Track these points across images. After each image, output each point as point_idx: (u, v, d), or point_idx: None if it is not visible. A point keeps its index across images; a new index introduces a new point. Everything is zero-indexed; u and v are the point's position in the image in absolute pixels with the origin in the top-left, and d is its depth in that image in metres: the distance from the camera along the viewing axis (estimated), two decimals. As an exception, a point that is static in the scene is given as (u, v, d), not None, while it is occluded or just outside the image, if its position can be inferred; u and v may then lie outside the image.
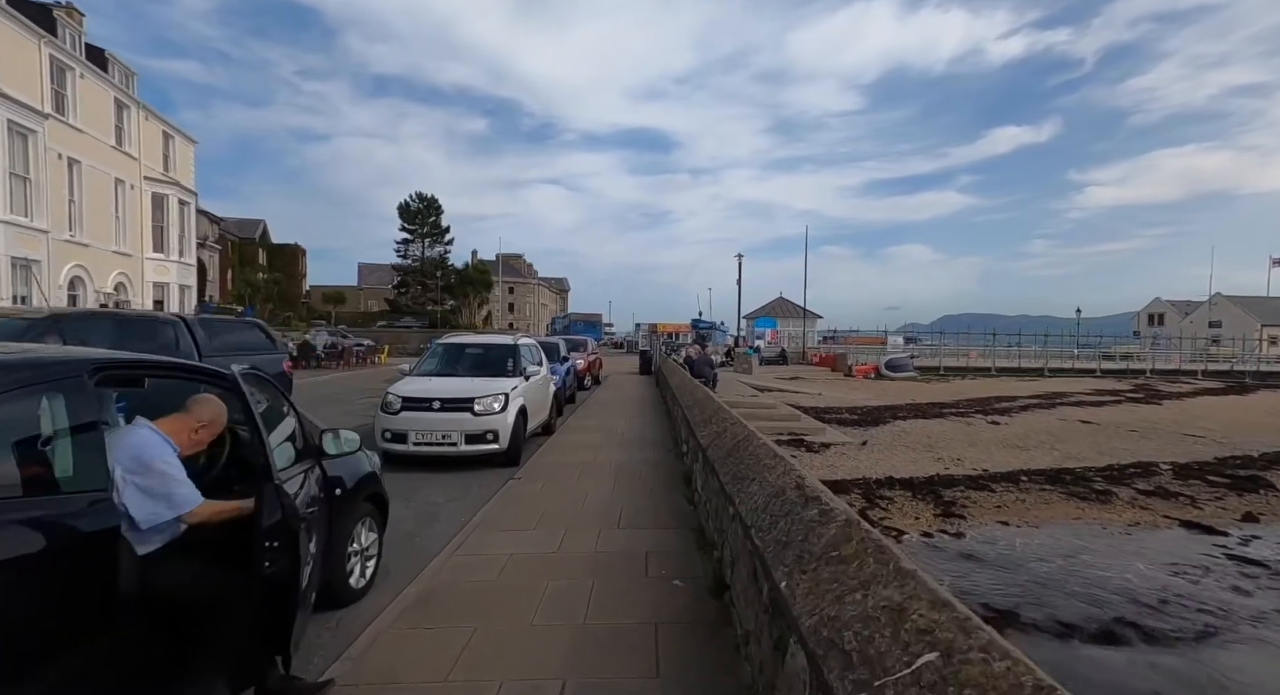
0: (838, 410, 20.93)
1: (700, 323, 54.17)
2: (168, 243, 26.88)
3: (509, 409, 7.86)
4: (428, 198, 49.86)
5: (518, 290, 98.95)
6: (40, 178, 18.44)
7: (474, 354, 9.21)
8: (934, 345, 46.30)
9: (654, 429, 11.10)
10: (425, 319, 47.02)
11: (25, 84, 18.63)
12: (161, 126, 27.71)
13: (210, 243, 58.01)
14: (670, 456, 8.34)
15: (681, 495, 6.08)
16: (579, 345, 20.94)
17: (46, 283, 19.05)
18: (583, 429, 10.97)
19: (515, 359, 8.92)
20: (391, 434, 7.55)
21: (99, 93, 22.83)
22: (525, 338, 10.10)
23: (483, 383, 8.16)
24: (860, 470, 12.65)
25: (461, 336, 9.68)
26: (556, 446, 9.17)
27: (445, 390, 7.84)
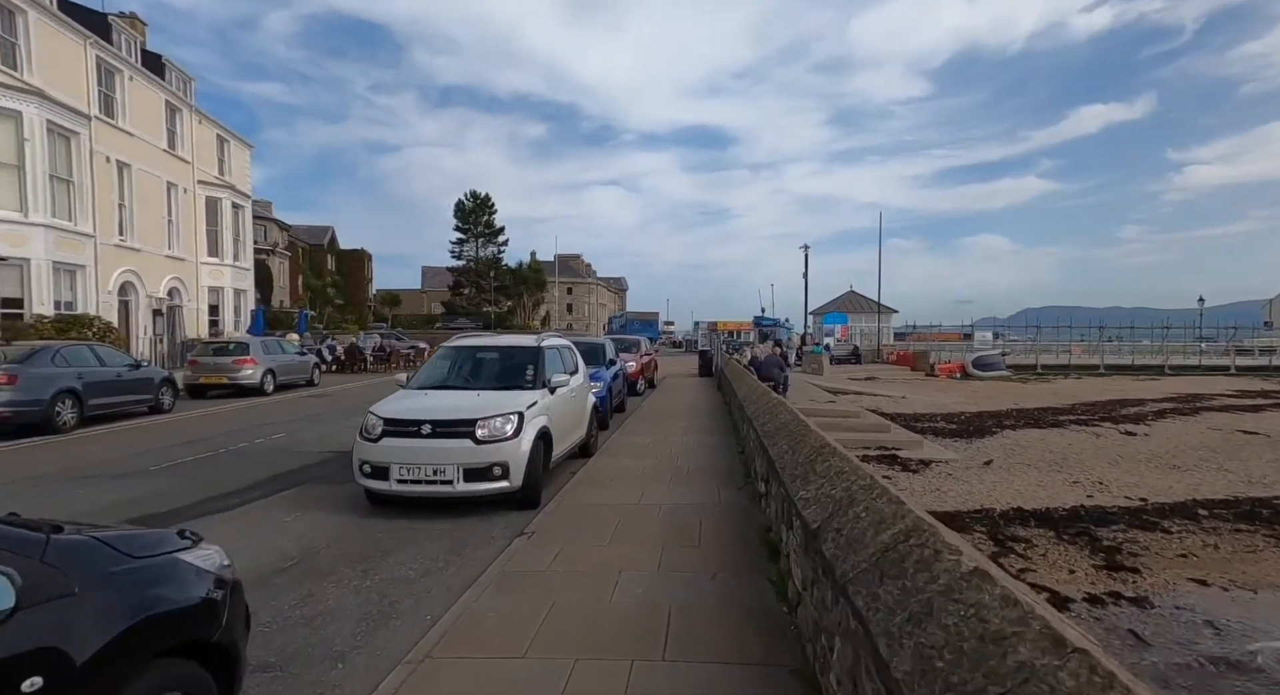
0: (930, 417, 18.15)
1: (763, 320, 51.27)
2: (222, 247, 26.79)
3: (524, 433, 5.94)
4: (481, 196, 49.26)
5: (576, 290, 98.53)
6: (84, 181, 18.16)
7: (487, 360, 7.36)
8: (1028, 341, 41.71)
9: (717, 450, 8.96)
10: (480, 320, 46.40)
11: (70, 86, 18.40)
12: (216, 130, 27.70)
13: (280, 249, 59.91)
14: (742, 498, 6.20)
15: (767, 581, 3.94)
16: (631, 346, 18.96)
17: (94, 288, 18.82)
18: (629, 450, 8.97)
19: (537, 366, 7.00)
20: (371, 468, 5.77)
21: (150, 96, 22.72)
22: (554, 338, 8.18)
23: (492, 398, 6.28)
24: (976, 497, 10.08)
25: (474, 338, 7.91)
26: (593, 476, 7.20)
27: (439, 409, 6.00)
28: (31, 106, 16.23)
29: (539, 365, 7.00)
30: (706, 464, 7.91)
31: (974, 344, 39.89)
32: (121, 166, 21.04)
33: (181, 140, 24.85)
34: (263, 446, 9.53)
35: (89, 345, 11.90)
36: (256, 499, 6.46)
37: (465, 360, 7.40)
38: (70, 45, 18.75)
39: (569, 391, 7.57)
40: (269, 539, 5.14)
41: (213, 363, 16.14)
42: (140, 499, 6.48)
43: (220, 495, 6.64)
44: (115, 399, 11.61)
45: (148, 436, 10.42)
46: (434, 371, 7.19)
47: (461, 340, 7.84)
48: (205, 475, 7.58)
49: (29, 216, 16.30)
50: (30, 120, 16.18)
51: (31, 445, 9.52)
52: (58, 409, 10.18)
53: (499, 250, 51.02)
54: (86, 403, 10.81)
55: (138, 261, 21.81)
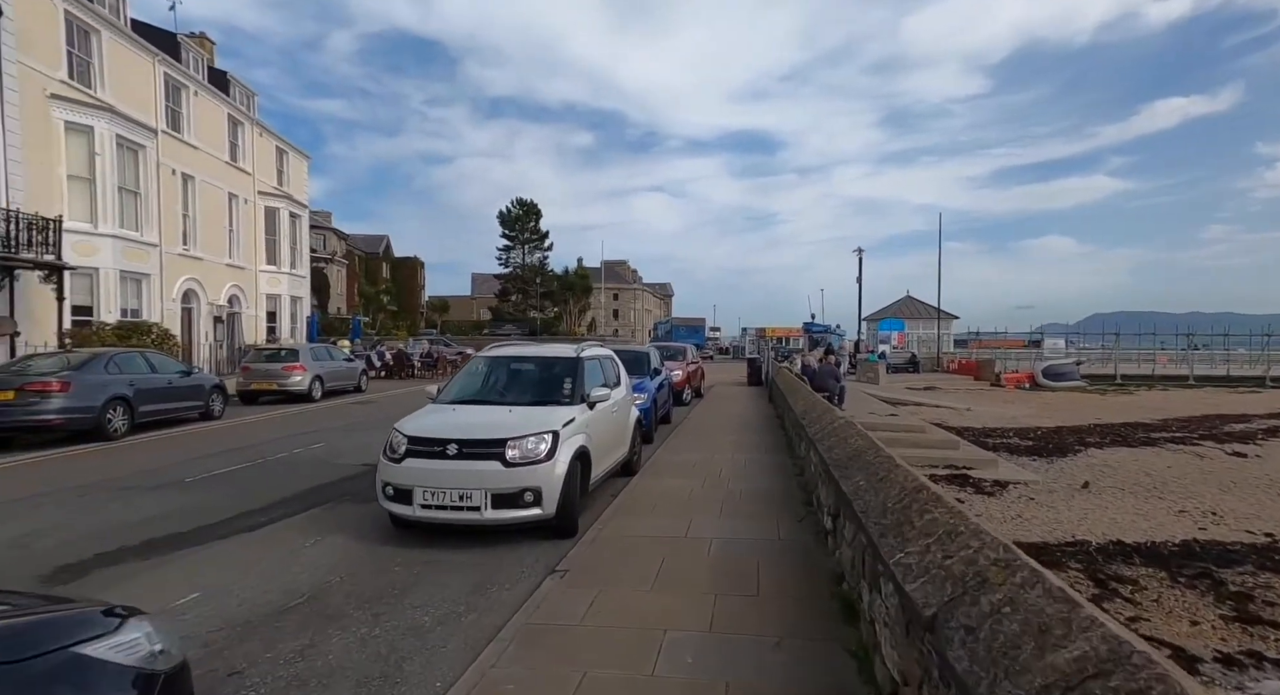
0: (1001, 432, 16.78)
1: (813, 326, 49.63)
2: (279, 255, 27.59)
3: (559, 454, 5.38)
4: (527, 203, 49.64)
5: (622, 296, 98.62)
6: (150, 192, 18.86)
7: (522, 372, 6.85)
8: (1105, 348, 38.78)
9: (771, 471, 8.20)
10: (526, 326, 46.61)
11: (139, 101, 19.19)
12: (275, 142, 28.62)
13: (338, 258, 62.08)
14: (804, 533, 5.46)
15: (845, 652, 3.21)
16: (677, 353, 18.29)
17: (158, 296, 19.50)
18: (674, 469, 8.31)
19: (575, 379, 6.43)
20: (394, 490, 5.31)
21: (213, 110, 23.59)
22: (594, 347, 7.60)
23: (525, 415, 5.74)
24: (1065, 526, 8.98)
25: (510, 347, 7.43)
26: (635, 500, 6.58)
27: (467, 427, 5.50)
28: (102, 122, 16.91)
29: (577, 378, 6.43)
30: (760, 488, 7.17)
31: (1043, 352, 37.36)
32: (186, 178, 21.83)
33: (243, 152, 25.72)
34: (301, 457, 9.32)
35: (141, 352, 12.10)
36: (281, 518, 6.12)
37: (499, 372, 6.90)
38: (140, 63, 19.56)
39: (610, 406, 6.98)
40: (282, 569, 4.74)
41: (264, 369, 16.36)
42: (169, 514, 6.24)
43: (246, 512, 6.34)
44: (166, 405, 11.73)
45: (193, 444, 10.41)
46: (466, 384, 6.72)
47: (496, 350, 7.36)
48: (238, 489, 7.35)
49: (98, 227, 16.96)
50: (101, 135, 16.86)
51: (82, 452, 9.60)
52: (109, 416, 10.28)
53: (544, 256, 51.26)
54: (138, 409, 10.91)
55: (200, 270, 22.57)
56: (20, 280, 14.82)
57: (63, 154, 16.27)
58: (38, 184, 15.60)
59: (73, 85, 16.83)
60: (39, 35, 15.81)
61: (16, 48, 15.08)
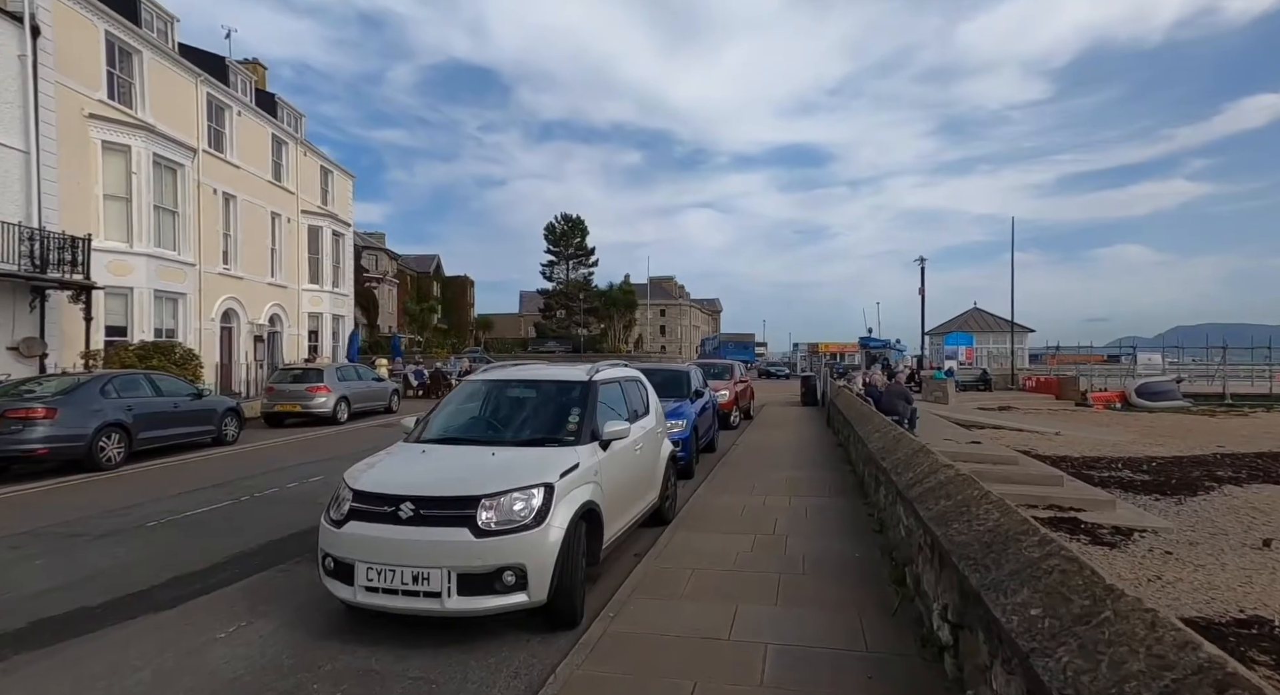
0: (1106, 463, 14.41)
1: (870, 341, 46.84)
2: (322, 273, 27.51)
3: (553, 516, 3.95)
4: (572, 218, 49.07)
5: (669, 312, 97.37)
6: (188, 211, 18.75)
7: (519, 400, 5.45)
8: (1195, 362, 34.64)
9: (841, 524, 6.49)
10: (570, 343, 45.70)
11: (180, 121, 19.21)
12: (320, 162, 28.76)
13: (390, 277, 63.33)
14: (902, 636, 3.80)
15: None
16: (723, 372, 16.64)
17: (194, 315, 19.31)
18: (716, 517, 6.73)
19: (584, 411, 4.99)
20: (335, 563, 3.98)
21: (257, 130, 23.70)
22: (614, 368, 6.12)
23: (512, 459, 4.34)
24: (1225, 595, 6.90)
25: (509, 368, 6.05)
26: (662, 570, 5.05)
27: (431, 478, 4.14)
28: (139, 140, 16.82)
29: (586, 409, 4.99)
30: (829, 553, 5.52)
31: (1136, 367, 33.66)
32: (228, 198, 21.82)
33: (286, 172, 25.80)
34: (290, 494, 8.21)
35: (145, 374, 11.40)
36: (217, 587, 4.89)
37: (492, 400, 5.52)
38: (182, 83, 19.62)
39: (632, 444, 5.51)
40: (164, 682, 3.44)
41: (288, 390, 15.67)
42: (94, 577, 5.12)
43: (184, 575, 5.15)
44: (170, 431, 10.95)
45: (187, 476, 9.50)
46: (450, 415, 5.36)
47: (492, 371, 5.98)
48: (196, 538, 6.23)
49: (133, 246, 16.79)
50: (138, 154, 16.75)
51: (66, 485, 8.78)
52: (101, 444, 9.49)
53: (589, 272, 50.43)
54: (136, 436, 10.13)
55: (240, 289, 22.47)
56: (50, 300, 14.61)
57: (99, 173, 16.18)
58: (73, 203, 15.49)
59: (112, 105, 16.82)
60: (79, 55, 15.84)
61: (55, 67, 15.07)
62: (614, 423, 4.96)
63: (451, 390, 17.71)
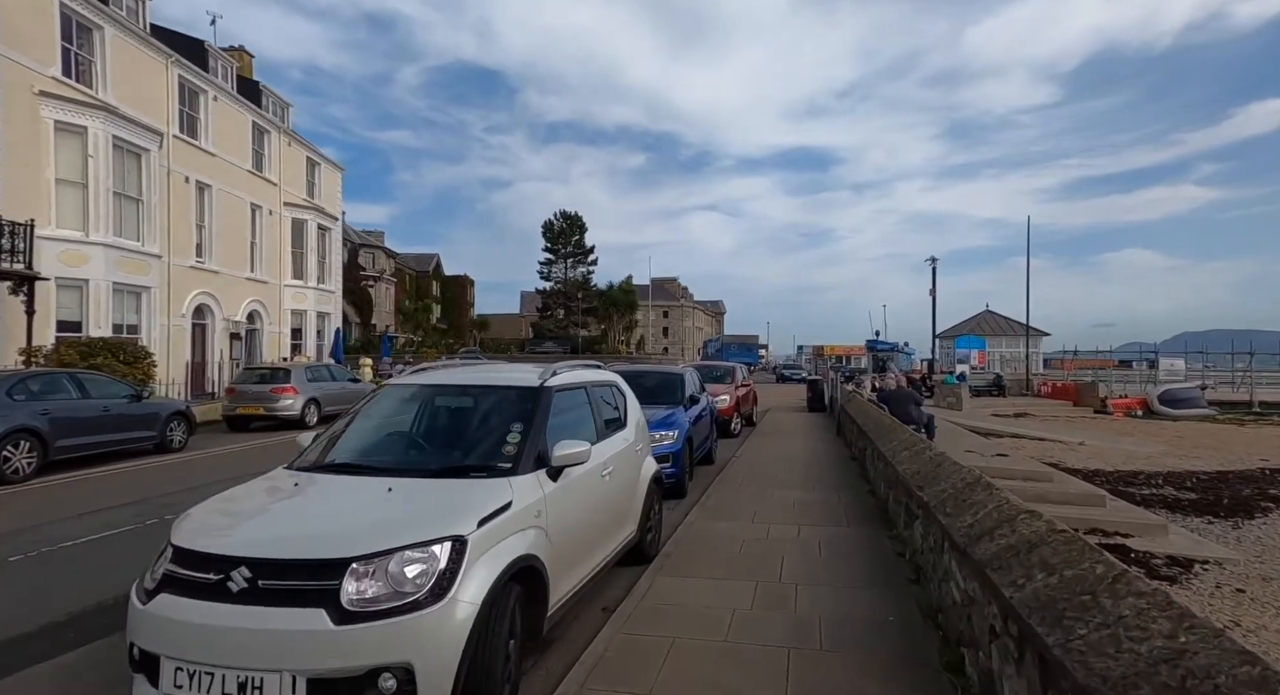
0: (1146, 478, 13.11)
1: (878, 344, 45.42)
2: (306, 269, 26.32)
3: (461, 586, 2.69)
4: (571, 215, 47.83)
5: (672, 314, 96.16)
6: (153, 199, 17.57)
7: (447, 411, 4.17)
8: (1238, 370, 33.08)
9: (864, 571, 5.18)
10: (568, 344, 44.42)
11: (148, 104, 18.05)
12: (306, 153, 27.59)
13: (387, 275, 62.21)
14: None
15: None
16: (724, 375, 15.34)
17: (161, 311, 18.13)
18: (709, 555, 5.44)
19: (530, 427, 3.71)
20: (140, 652, 2.71)
21: (236, 117, 22.53)
22: (578, 370, 4.80)
23: (412, 497, 3.09)
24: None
25: (444, 372, 4.79)
26: (631, 641, 3.77)
27: (283, 528, 2.89)
28: (97, 122, 15.64)
29: (533, 425, 3.70)
30: (854, 613, 4.22)
31: (1159, 373, 32.20)
32: (202, 187, 20.65)
33: (269, 162, 24.63)
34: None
35: (70, 374, 10.16)
36: (26, 665, 3.62)
37: (412, 411, 4.24)
38: (150, 64, 18.46)
39: (598, 468, 4.24)
40: None
41: (251, 391, 14.45)
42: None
43: (3, 643, 3.90)
44: (98, 438, 9.71)
45: (104, 490, 8.26)
46: (355, 431, 4.07)
47: (420, 374, 4.68)
48: (59, 580, 4.99)
49: (89, 235, 15.60)
50: (95, 136, 15.57)
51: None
52: (6, 453, 8.26)
53: (588, 271, 49.10)
54: (53, 444, 8.90)
55: (215, 284, 21.28)
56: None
57: (51, 156, 15.00)
58: (20, 187, 14.31)
59: (67, 83, 15.65)
60: (29, 29, 14.67)
61: (0, 40, 13.91)
62: (568, 444, 3.67)
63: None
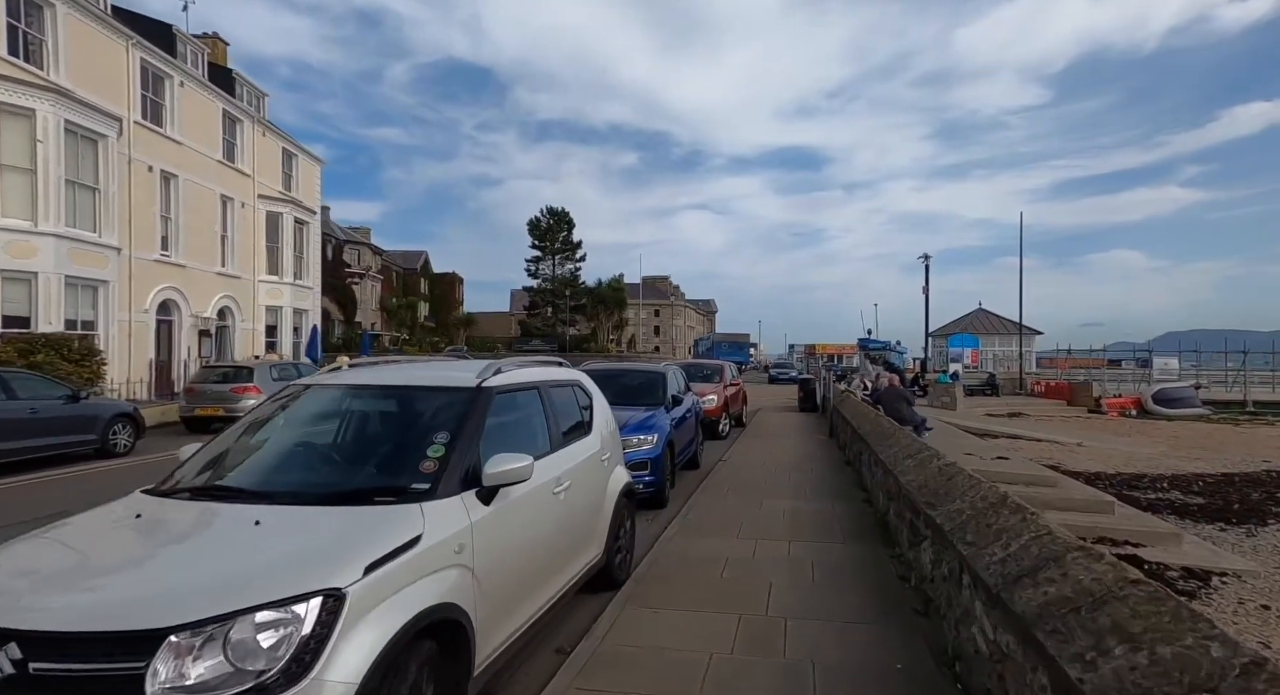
0: (1151, 482, 12.56)
1: (869, 342, 44.99)
2: (282, 264, 25.37)
3: (330, 660, 1.97)
4: (559, 211, 46.92)
5: (662, 313, 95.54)
6: (112, 189, 16.64)
7: (363, 416, 3.42)
8: (1231, 370, 32.82)
9: (863, 599, 4.47)
10: (555, 342, 43.57)
11: (106, 88, 17.12)
12: (282, 144, 26.64)
13: (373, 273, 61.03)
14: None
15: None
16: (712, 374, 14.64)
17: (120, 306, 17.20)
18: (686, 580, 4.73)
19: (457, 438, 2.95)
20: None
21: (205, 105, 21.57)
22: (534, 367, 4.04)
23: (282, 535, 2.34)
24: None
25: (369, 369, 4.04)
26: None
27: (90, 582, 2.13)
28: (46, 104, 14.71)
29: (461, 434, 2.96)
30: (855, 658, 3.52)
31: (1153, 372, 31.87)
32: (167, 176, 19.70)
33: (241, 152, 23.67)
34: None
35: (-7, 372, 9.31)
36: None
37: (321, 415, 3.48)
38: (108, 45, 17.51)
39: (549, 485, 3.52)
40: None
41: (211, 391, 13.60)
42: None
43: None
44: (22, 443, 8.87)
45: (7, 503, 7.45)
46: (243, 442, 3.31)
47: (339, 373, 3.92)
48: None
49: (38, 225, 14.67)
50: (44, 119, 14.64)
51: None
52: (-93, 459, 7.43)
53: (576, 268, 48.20)
54: (-33, 449, 8.06)
55: (182, 278, 20.34)
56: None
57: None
58: (-39, 173, 13.40)
59: (14, 62, 14.71)
60: (-30, 4, 13.76)
61: (-63, 15, 13.00)
62: (505, 458, 2.94)
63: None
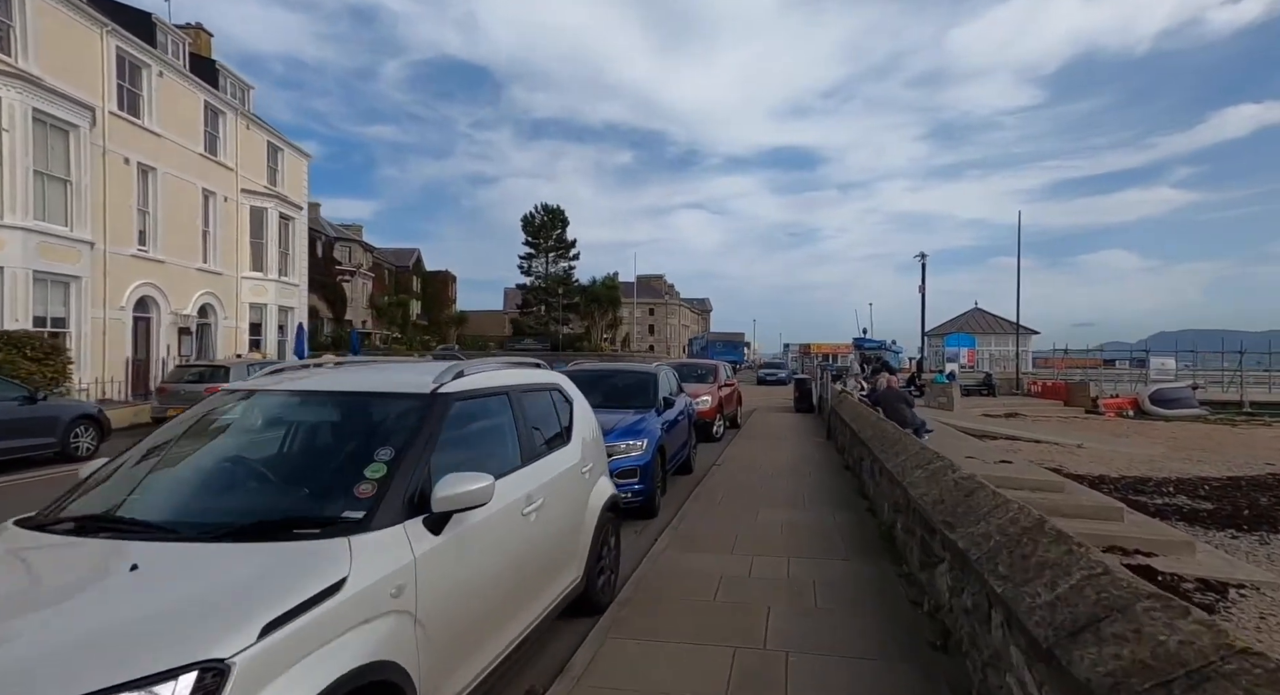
0: (1157, 486, 12.20)
1: (865, 341, 44.68)
2: (267, 261, 24.76)
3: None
4: (552, 208, 46.32)
5: (658, 312, 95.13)
6: (85, 181, 16.05)
7: (300, 428, 2.96)
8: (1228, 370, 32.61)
9: (882, 643, 4.03)
10: (548, 341, 42.98)
11: (80, 77, 16.51)
12: (268, 137, 26.00)
13: (364, 270, 60.33)
14: None
15: None
16: (705, 374, 14.18)
17: (94, 303, 16.61)
18: (676, 603, 4.27)
19: (402, 455, 2.49)
20: None
21: (185, 96, 20.94)
22: (505, 369, 3.56)
23: (159, 585, 1.88)
24: None
25: (311, 374, 3.58)
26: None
27: None
28: (13, 92, 14.11)
29: (409, 451, 2.50)
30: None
31: (1150, 372, 31.66)
32: (145, 169, 19.09)
33: (224, 145, 23.05)
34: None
35: (-60, 371, 8.79)
36: None
37: (245, 429, 3.02)
38: (81, 33, 16.89)
39: (521, 505, 3.06)
40: None
41: (185, 391, 13.05)
42: None
43: None
44: (-27, 446, 8.36)
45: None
46: (149, 460, 2.83)
47: (262, 379, 3.43)
48: None
49: (4, 218, 14.08)
50: (10, 107, 14.04)
51: None
52: None
53: (570, 266, 47.62)
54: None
55: (161, 274, 19.74)
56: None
57: (-43, 129, 13.49)
58: (-79, 163, 12.80)
59: (-22, 48, 14.14)
60: (-69, -14, 13.15)
61: (-105, -3, 12.39)
62: (459, 479, 2.47)
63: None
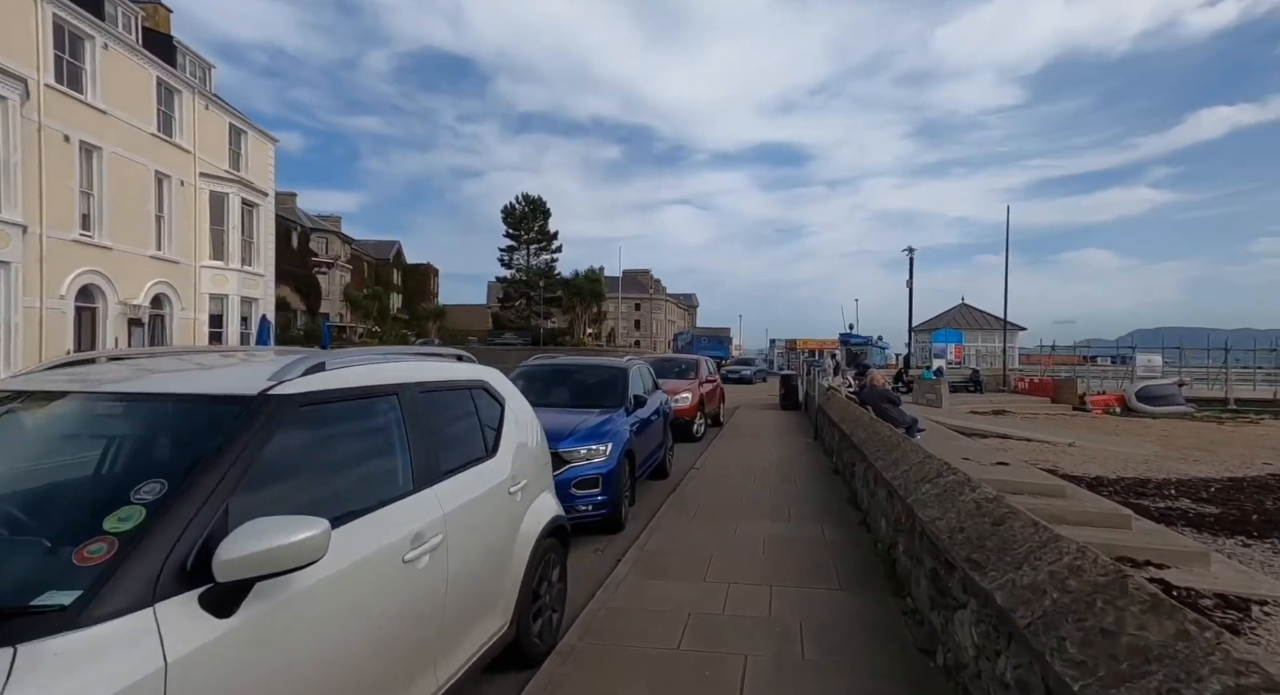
0: (1158, 487, 11.64)
1: (851, 337, 44.21)
2: (228, 249, 23.51)
3: None
4: (534, 199, 45.17)
5: (643, 306, 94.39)
6: (13, 159, 14.82)
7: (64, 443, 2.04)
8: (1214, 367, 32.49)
9: (876, 662, 3.21)
10: (528, 335, 41.92)
11: (12, 46, 15.21)
12: (230, 119, 24.68)
13: (342, 262, 58.76)
14: None
15: None
16: (686, 369, 13.35)
17: (26, 291, 15.39)
18: (623, 665, 3.43)
19: (173, 499, 1.61)
20: None
21: (135, 71, 19.64)
22: (395, 359, 2.65)
23: None
24: None
25: (97, 369, 2.70)
26: None
27: None
28: (-71, 58, 12.90)
29: (193, 489, 1.61)
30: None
31: (1136, 369, 31.42)
32: (88, 148, 17.82)
33: (180, 126, 21.74)
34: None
35: None
36: None
37: (16, 445, 2.08)
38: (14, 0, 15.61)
39: (404, 547, 2.19)
40: None
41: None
42: None
43: None
44: None
45: None
46: None
47: (40, 376, 2.49)
48: None
49: (-80, 196, 12.90)
50: (-75, 75, 12.83)
51: None
52: None
53: (552, 259, 46.51)
54: None
55: (107, 261, 18.49)
56: None
57: None
58: None
59: (-112, 9, 12.87)
60: None
61: None
62: (267, 528, 1.60)
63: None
